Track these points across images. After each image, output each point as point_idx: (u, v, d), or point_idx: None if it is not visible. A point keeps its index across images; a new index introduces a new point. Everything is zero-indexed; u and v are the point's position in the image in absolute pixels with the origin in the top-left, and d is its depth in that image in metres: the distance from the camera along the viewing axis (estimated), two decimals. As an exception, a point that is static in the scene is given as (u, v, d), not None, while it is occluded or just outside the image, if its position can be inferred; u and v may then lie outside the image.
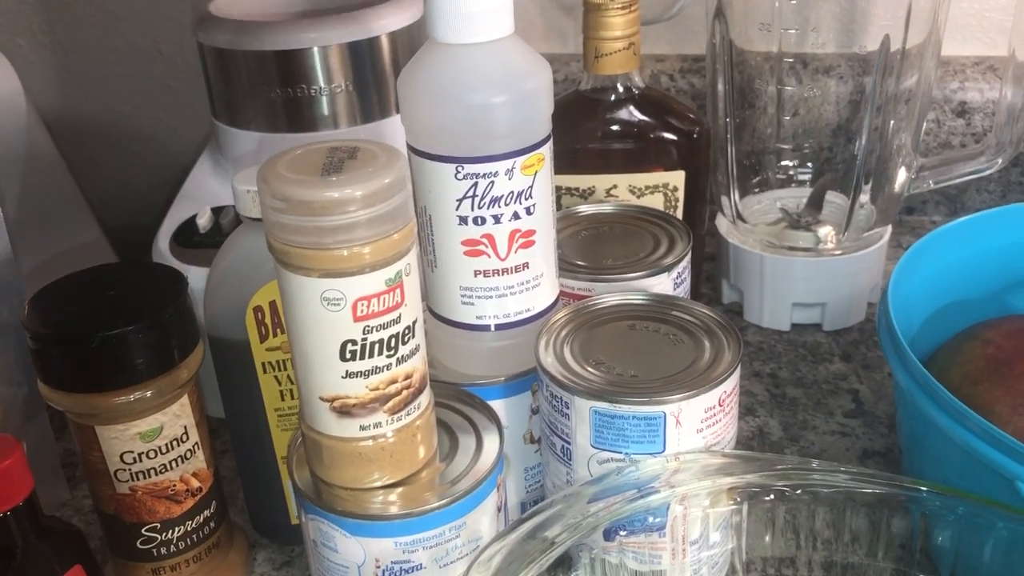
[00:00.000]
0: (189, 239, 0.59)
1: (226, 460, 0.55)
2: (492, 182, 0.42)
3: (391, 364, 0.37)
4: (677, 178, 0.60)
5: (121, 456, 0.42)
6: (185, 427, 0.44)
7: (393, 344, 0.37)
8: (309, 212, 0.34)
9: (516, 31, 0.42)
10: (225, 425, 0.50)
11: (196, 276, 0.54)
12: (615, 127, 0.60)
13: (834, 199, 0.68)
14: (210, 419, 0.47)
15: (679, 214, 0.61)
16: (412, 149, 0.43)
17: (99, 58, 0.91)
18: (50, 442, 0.54)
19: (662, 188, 0.61)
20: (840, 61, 0.67)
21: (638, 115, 0.60)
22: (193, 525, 0.45)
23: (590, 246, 0.53)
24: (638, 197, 0.61)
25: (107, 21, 0.89)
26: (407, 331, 0.37)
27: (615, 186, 0.60)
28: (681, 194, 0.61)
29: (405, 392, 0.38)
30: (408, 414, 0.39)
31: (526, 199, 0.43)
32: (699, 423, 0.41)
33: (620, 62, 0.59)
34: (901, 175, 0.64)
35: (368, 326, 0.36)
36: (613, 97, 0.60)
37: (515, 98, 0.41)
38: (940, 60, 0.74)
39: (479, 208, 0.42)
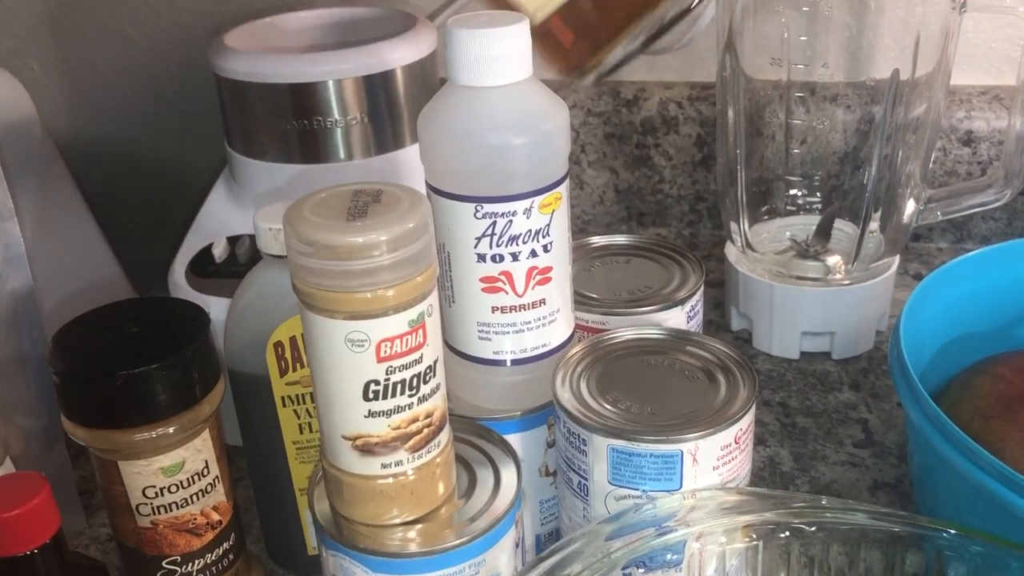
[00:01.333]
0: (205, 269, 0.59)
1: (242, 488, 0.56)
2: (510, 221, 0.42)
3: (413, 403, 0.38)
4: None
5: (143, 491, 0.43)
6: (206, 461, 0.44)
7: (415, 384, 0.38)
8: (335, 256, 0.35)
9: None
10: (240, 452, 0.50)
11: (212, 306, 0.55)
12: None
13: (842, 227, 0.68)
14: (227, 447, 0.48)
15: None
16: (432, 188, 0.43)
17: (111, 81, 0.91)
18: (68, 472, 0.54)
19: None
20: (848, 90, 0.68)
21: None
22: (213, 557, 0.46)
23: (603, 279, 0.54)
24: None
25: (119, 45, 0.90)
26: (428, 371, 0.38)
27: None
28: None
29: (426, 430, 0.39)
30: (428, 452, 0.39)
31: (543, 237, 0.43)
32: (715, 460, 0.41)
33: None
34: (910, 206, 0.65)
35: (391, 367, 0.37)
36: None
37: (533, 139, 0.42)
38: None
39: (497, 246, 0.43)
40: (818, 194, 0.70)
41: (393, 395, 0.37)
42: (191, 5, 0.87)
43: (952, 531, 0.39)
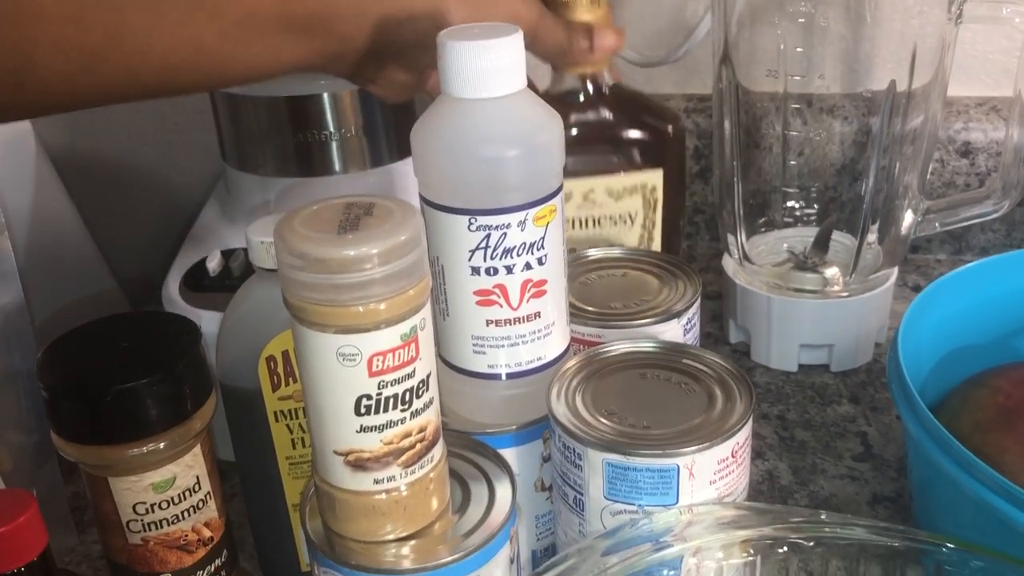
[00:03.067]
0: (199, 283, 0.59)
1: (235, 504, 0.55)
2: (504, 233, 0.42)
3: (405, 418, 0.37)
4: (655, 177, 0.58)
5: (134, 507, 0.42)
6: (197, 477, 0.44)
7: (407, 398, 0.37)
8: (325, 270, 0.34)
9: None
10: (234, 468, 0.50)
11: (206, 320, 0.55)
12: (587, 129, 0.58)
13: (840, 239, 0.68)
14: (219, 462, 0.47)
15: (658, 215, 0.59)
16: (426, 201, 0.43)
17: (107, 96, 0.91)
18: (59, 488, 0.54)
19: (640, 189, 0.59)
20: (845, 102, 0.68)
21: (611, 115, 0.58)
22: (204, 574, 0.45)
23: (600, 292, 0.54)
24: (616, 200, 0.59)
25: (116, 59, 0.90)
26: (421, 385, 0.38)
27: (592, 190, 0.59)
28: (660, 194, 0.59)
29: (419, 445, 0.38)
30: (421, 467, 0.39)
31: (538, 250, 0.43)
32: (712, 475, 0.41)
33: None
34: (907, 217, 0.65)
35: (383, 381, 0.36)
36: (583, 98, 0.58)
37: (527, 151, 0.41)
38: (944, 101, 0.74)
39: (492, 259, 0.42)
40: (815, 206, 0.70)
41: (385, 410, 0.37)
42: (187, 19, 0.87)
43: (951, 545, 0.39)
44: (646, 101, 0.61)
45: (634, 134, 0.59)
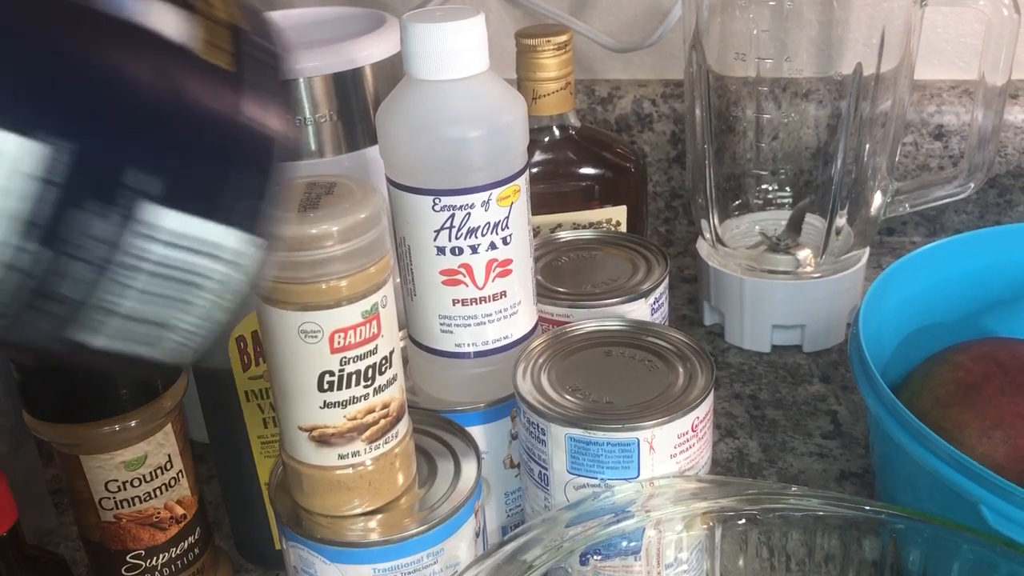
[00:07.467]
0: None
1: (212, 485, 0.56)
2: (469, 213, 0.43)
3: (368, 394, 0.38)
4: (619, 212, 0.63)
5: (106, 485, 0.43)
6: (169, 455, 0.44)
7: (370, 375, 0.38)
8: (286, 247, 0.35)
9: (490, 59, 0.42)
10: (211, 450, 0.51)
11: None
12: (555, 167, 0.62)
13: (813, 222, 0.69)
14: (196, 444, 0.48)
15: None
16: (391, 182, 0.44)
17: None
18: (38, 469, 0.55)
19: (605, 223, 0.63)
20: (819, 85, 0.69)
21: (576, 155, 0.62)
22: (177, 551, 0.46)
23: (569, 272, 0.54)
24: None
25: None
26: (384, 362, 0.38)
27: (559, 225, 0.62)
28: (624, 227, 0.63)
29: (383, 421, 0.39)
30: (386, 442, 0.39)
31: (502, 229, 0.44)
32: (672, 449, 0.41)
33: (556, 103, 0.60)
34: (877, 199, 0.65)
35: (345, 357, 0.37)
36: (548, 138, 0.62)
37: (490, 132, 0.42)
38: (917, 84, 0.75)
39: (456, 239, 0.43)
40: (788, 189, 0.70)
41: (348, 386, 0.37)
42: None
43: (905, 515, 0.40)
44: (610, 140, 0.65)
45: (599, 173, 0.63)
